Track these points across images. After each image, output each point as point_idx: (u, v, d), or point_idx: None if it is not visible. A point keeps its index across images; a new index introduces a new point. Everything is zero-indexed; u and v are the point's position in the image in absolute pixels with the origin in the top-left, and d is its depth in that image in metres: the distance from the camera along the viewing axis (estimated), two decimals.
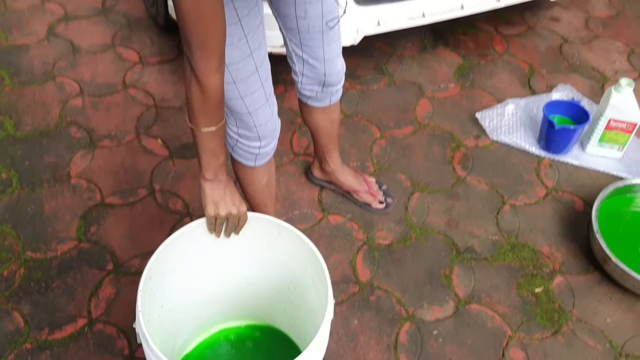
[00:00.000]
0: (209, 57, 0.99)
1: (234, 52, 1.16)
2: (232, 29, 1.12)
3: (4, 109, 2.13)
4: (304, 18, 1.32)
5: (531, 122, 2.10)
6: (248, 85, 1.22)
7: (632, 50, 2.44)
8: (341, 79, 1.53)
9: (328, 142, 1.72)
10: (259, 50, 1.20)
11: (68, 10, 2.55)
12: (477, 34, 2.49)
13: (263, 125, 1.30)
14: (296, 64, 1.46)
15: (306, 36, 1.36)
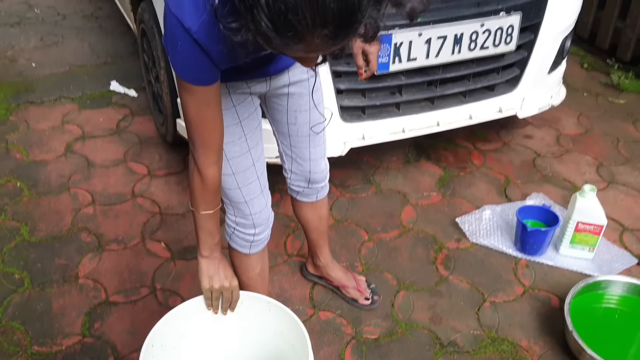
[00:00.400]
0: (208, 153, 1.21)
1: (235, 148, 1.37)
2: (233, 129, 1.34)
3: (21, 217, 2.31)
4: (294, 124, 1.54)
5: (507, 226, 2.26)
6: (246, 176, 1.41)
7: (600, 163, 2.66)
8: (324, 177, 1.72)
9: (318, 237, 1.88)
10: (256, 147, 1.42)
11: (85, 130, 2.80)
12: (456, 149, 2.72)
13: (258, 214, 1.47)
14: (286, 162, 1.66)
15: (295, 139, 1.58)
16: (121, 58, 3.40)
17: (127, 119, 2.88)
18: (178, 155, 2.64)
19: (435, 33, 2.02)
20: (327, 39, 0.82)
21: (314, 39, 0.81)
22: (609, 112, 3.04)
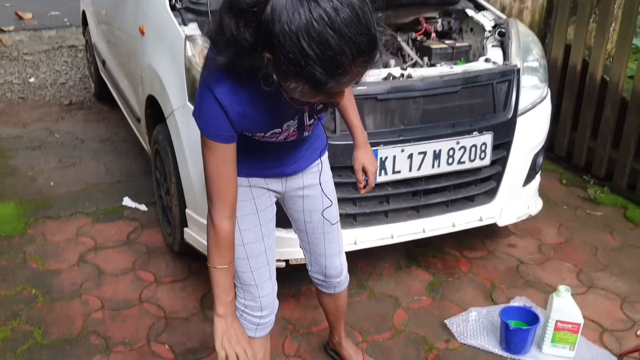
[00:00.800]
0: (223, 207, 1.42)
1: (250, 234, 1.61)
2: (250, 218, 1.60)
3: (35, 322, 2.45)
4: (310, 222, 1.79)
5: (493, 327, 2.40)
6: (258, 261, 1.64)
7: (580, 270, 2.83)
8: (340, 274, 1.92)
9: (334, 320, 2.10)
10: (269, 237, 1.66)
11: (98, 242, 3.00)
12: (445, 257, 2.91)
13: (266, 297, 1.67)
14: (306, 256, 1.90)
15: (312, 236, 1.82)
16: (133, 177, 3.67)
17: (137, 231, 3.09)
18: (183, 263, 2.82)
19: (416, 149, 2.29)
20: (365, 64, 1.11)
21: (356, 67, 1.10)
22: (587, 223, 3.25)
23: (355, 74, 1.12)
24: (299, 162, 1.65)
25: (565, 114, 3.78)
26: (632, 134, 3.35)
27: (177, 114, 2.41)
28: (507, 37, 2.65)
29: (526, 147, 2.60)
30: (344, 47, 1.05)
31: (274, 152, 1.58)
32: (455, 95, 2.38)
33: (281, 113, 1.40)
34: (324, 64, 1.06)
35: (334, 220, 1.82)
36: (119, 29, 3.44)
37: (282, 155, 1.58)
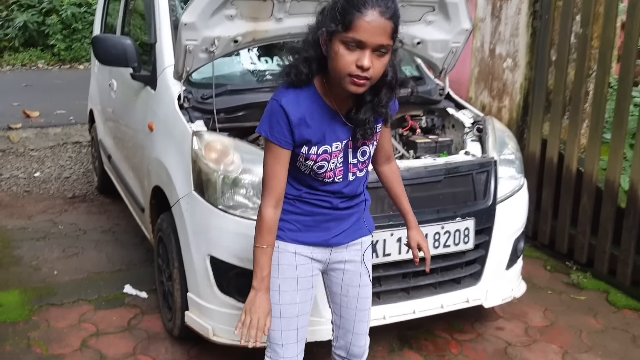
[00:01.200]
0: (270, 198, 1.74)
1: (287, 297, 1.84)
2: (290, 282, 1.86)
3: None
4: (346, 296, 1.97)
5: None
6: (289, 323, 1.83)
7: (565, 351, 2.94)
8: (362, 354, 2.06)
9: None
10: (304, 304, 1.88)
11: (100, 328, 3.10)
12: (436, 339, 3.01)
13: (289, 359, 1.85)
14: (334, 330, 2.05)
15: (345, 310, 1.99)
16: (134, 265, 3.80)
17: (137, 317, 3.20)
18: (183, 348, 2.91)
19: (404, 233, 2.46)
20: (379, 13, 1.53)
21: (372, 9, 1.53)
22: (571, 307, 3.39)
23: (373, 17, 1.53)
24: (344, 234, 1.89)
25: (546, 203, 4.00)
26: (609, 222, 3.55)
27: (182, 202, 2.60)
28: (485, 133, 2.91)
29: (507, 232, 2.79)
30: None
31: (323, 219, 1.85)
32: (439, 184, 2.60)
33: (332, 127, 1.74)
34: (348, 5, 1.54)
35: (368, 300, 2.02)
36: (127, 126, 3.70)
37: (329, 225, 1.86)
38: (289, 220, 1.85)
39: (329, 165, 1.76)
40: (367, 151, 1.83)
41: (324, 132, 1.73)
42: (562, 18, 3.80)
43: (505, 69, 4.35)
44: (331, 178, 1.79)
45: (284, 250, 1.85)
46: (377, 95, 1.70)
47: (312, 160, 1.74)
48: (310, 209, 1.84)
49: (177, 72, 2.76)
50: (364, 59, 1.55)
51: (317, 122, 1.71)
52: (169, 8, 3.20)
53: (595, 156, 3.62)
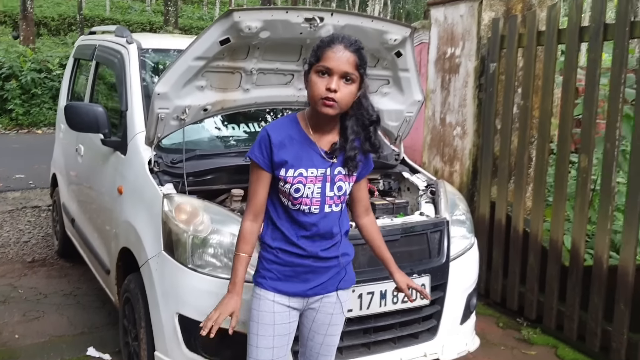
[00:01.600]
0: (249, 212, 2.05)
1: (263, 341, 2.04)
2: (267, 328, 2.05)
3: None
4: (311, 341, 2.18)
5: None
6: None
7: None
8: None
9: None
10: (280, 349, 2.07)
11: None
12: None
13: None
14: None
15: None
16: (97, 328, 3.81)
17: None
18: None
19: (365, 289, 2.62)
20: (343, 48, 1.91)
21: (338, 45, 1.92)
22: None
23: (338, 49, 1.90)
24: (321, 286, 2.09)
25: (497, 263, 4.22)
26: (554, 279, 3.78)
27: (151, 263, 2.70)
28: (437, 195, 3.13)
29: (460, 288, 2.97)
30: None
31: (302, 271, 2.05)
32: (397, 243, 2.77)
33: (309, 154, 2.01)
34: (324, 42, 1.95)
35: (336, 337, 2.21)
36: (94, 189, 3.79)
37: (308, 277, 2.06)
38: (270, 269, 2.06)
39: (305, 189, 2.00)
40: (343, 187, 2.06)
41: (300, 156, 2.00)
42: (505, 91, 4.14)
43: (455, 136, 4.65)
44: (307, 206, 2.01)
45: (264, 298, 2.05)
46: (366, 130, 2.04)
47: (289, 183, 1.99)
48: (291, 259, 2.04)
49: (148, 138, 2.91)
50: (332, 82, 1.90)
51: (294, 147, 2.00)
52: (140, 78, 3.38)
53: (540, 217, 3.88)
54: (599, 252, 3.44)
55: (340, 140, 2.04)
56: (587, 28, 3.49)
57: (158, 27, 24.42)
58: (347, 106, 1.97)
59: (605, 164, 3.39)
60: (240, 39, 2.65)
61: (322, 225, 2.03)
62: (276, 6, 2.93)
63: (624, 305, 3.28)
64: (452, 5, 4.62)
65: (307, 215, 2.02)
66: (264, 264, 2.09)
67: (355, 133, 2.03)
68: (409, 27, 2.93)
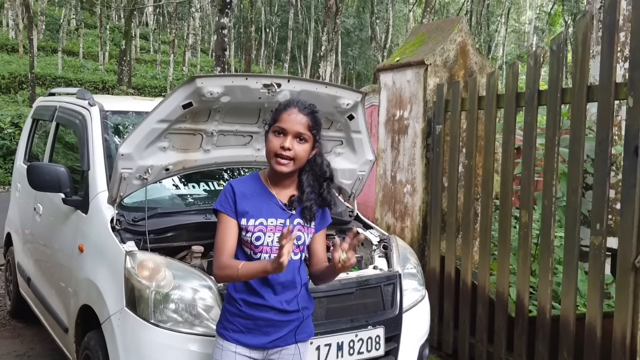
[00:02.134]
0: (219, 259, 2.13)
1: None
2: None
3: None
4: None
5: None
6: None
7: None
8: None
9: None
10: None
11: None
12: None
13: None
14: None
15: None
16: None
17: None
18: None
19: (323, 342, 2.73)
20: (297, 112, 2.16)
21: (293, 109, 2.17)
22: None
23: (292, 111, 2.15)
24: (282, 339, 2.21)
25: (447, 314, 4.38)
26: (502, 330, 3.95)
27: (113, 319, 2.75)
28: (390, 250, 3.30)
29: (413, 339, 3.10)
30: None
31: (263, 324, 2.17)
32: (352, 296, 2.90)
33: (269, 205, 2.20)
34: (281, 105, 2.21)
35: None
36: (53, 248, 3.81)
37: (269, 330, 2.18)
38: (233, 321, 2.19)
39: (265, 237, 2.17)
40: (301, 237, 2.24)
41: (260, 207, 2.19)
42: (451, 151, 4.40)
43: (405, 193, 4.88)
44: (268, 254, 2.17)
45: (226, 349, 2.17)
46: (320, 185, 2.26)
47: (251, 232, 2.15)
48: (252, 312, 2.15)
49: (111, 197, 3.00)
50: (286, 141, 2.13)
51: (255, 198, 2.20)
52: (102, 139, 3.49)
53: (486, 270, 4.09)
54: (542, 302, 3.64)
55: (298, 194, 2.25)
56: (522, 94, 3.80)
57: (111, 86, 24.45)
58: (302, 163, 2.20)
59: (544, 220, 3.63)
60: (202, 103, 2.82)
61: (283, 275, 2.14)
62: (236, 73, 3.13)
63: (567, 354, 3.46)
64: (400, 71, 4.93)
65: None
66: (227, 316, 2.21)
67: (311, 187, 2.25)
68: (360, 92, 3.16)
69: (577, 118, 3.43)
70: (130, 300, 2.70)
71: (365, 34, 36.65)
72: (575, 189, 3.44)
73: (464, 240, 4.29)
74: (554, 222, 3.61)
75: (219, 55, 13.35)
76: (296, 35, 37.88)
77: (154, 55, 34.61)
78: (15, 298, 4.89)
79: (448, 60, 4.69)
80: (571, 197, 3.47)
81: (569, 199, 3.49)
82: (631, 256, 3.11)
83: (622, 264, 3.17)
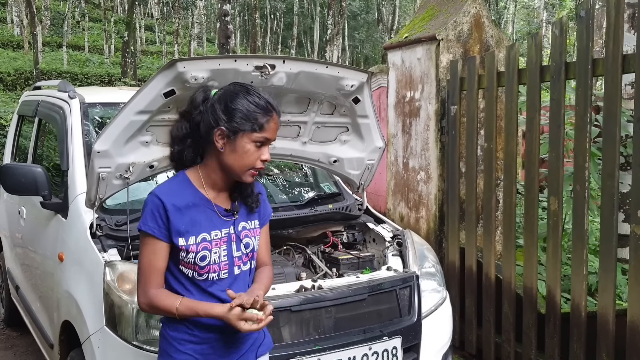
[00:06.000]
0: (147, 289, 1.78)
1: None
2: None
3: None
4: None
5: None
6: None
7: None
8: None
9: None
10: None
11: None
12: None
13: None
14: None
15: None
16: None
17: None
18: None
19: (332, 358, 2.39)
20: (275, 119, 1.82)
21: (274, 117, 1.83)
22: None
23: (276, 119, 1.82)
24: (243, 357, 1.88)
25: (470, 312, 4.03)
26: (531, 329, 3.60)
27: (93, 339, 2.43)
28: (405, 247, 2.95)
29: (434, 348, 2.76)
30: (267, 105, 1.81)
31: (220, 345, 1.83)
32: (364, 303, 2.56)
33: (208, 216, 1.82)
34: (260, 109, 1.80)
35: None
36: (36, 255, 3.51)
37: (229, 352, 1.84)
38: (185, 351, 1.80)
39: (212, 255, 1.81)
40: (250, 243, 1.90)
41: (199, 220, 1.81)
42: (468, 133, 4.03)
43: (419, 181, 4.51)
44: (216, 272, 1.82)
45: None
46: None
47: (193, 252, 1.78)
48: (206, 335, 1.81)
49: (89, 199, 2.67)
50: (266, 154, 1.83)
51: (191, 211, 1.80)
52: (82, 134, 3.16)
53: (511, 262, 3.72)
54: (576, 298, 3.28)
55: (235, 194, 1.91)
56: (547, 67, 3.41)
57: (117, 79, 24.16)
58: None
59: (576, 207, 3.26)
60: (186, 90, 2.47)
61: (235, 289, 1.81)
62: (223, 55, 2.77)
63: (606, 355, 3.10)
64: (409, 48, 4.54)
65: (216, 283, 1.84)
66: (175, 347, 1.82)
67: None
68: (365, 72, 2.80)
69: (611, 92, 3.04)
70: (111, 319, 2.37)
71: (372, 17, 36.02)
72: (611, 172, 3.06)
73: (485, 230, 3.92)
74: (587, 208, 3.24)
75: (222, 43, 13.01)
76: (302, 21, 37.34)
77: (160, 46, 34.29)
78: (7, 306, 4.61)
79: (462, 35, 4.30)
80: (607, 181, 3.09)
81: (604, 183, 3.11)
82: None
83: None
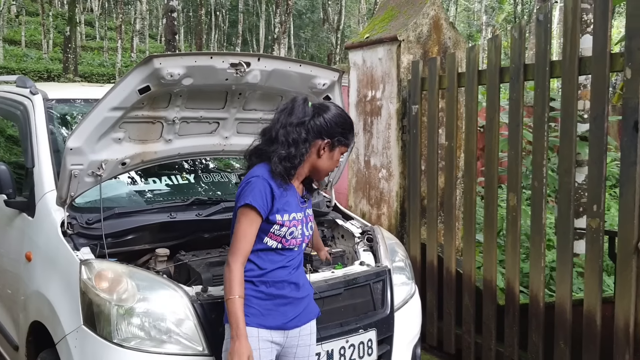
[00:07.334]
0: (239, 255, 2.12)
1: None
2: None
3: None
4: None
5: None
6: None
7: None
8: None
9: None
10: None
11: None
12: None
13: None
14: None
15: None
16: None
17: None
18: None
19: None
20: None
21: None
22: None
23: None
24: (298, 318, 2.23)
25: (431, 305, 4.15)
26: (491, 320, 3.74)
27: (69, 339, 2.39)
28: (375, 242, 3.02)
29: (405, 340, 2.84)
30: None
31: (281, 303, 2.18)
32: (340, 297, 2.62)
33: (296, 203, 2.24)
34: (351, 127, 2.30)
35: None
36: None
37: (286, 309, 2.20)
38: (252, 304, 2.14)
39: (297, 230, 2.21)
40: (312, 227, 2.36)
41: (291, 202, 2.21)
42: (429, 132, 4.14)
43: (381, 178, 4.60)
44: (295, 246, 2.24)
45: (249, 335, 2.08)
46: None
47: (287, 227, 2.17)
48: (269, 291, 2.17)
49: (60, 197, 2.62)
50: (338, 162, 2.33)
51: (285, 194, 2.20)
52: (48, 131, 3.09)
53: (471, 257, 3.85)
54: (534, 290, 3.43)
55: (308, 186, 2.37)
56: (507, 69, 3.55)
57: (56, 75, 23.38)
58: None
59: (534, 202, 3.41)
60: (161, 87, 2.47)
61: (297, 259, 2.29)
62: (200, 52, 2.78)
63: (564, 344, 3.26)
64: (370, 48, 4.62)
65: (291, 251, 2.24)
66: (244, 302, 2.14)
67: None
68: (337, 71, 2.86)
69: (568, 92, 3.20)
70: (89, 317, 2.34)
71: (317, 16, 36.14)
72: (568, 168, 3.22)
73: (446, 226, 4.05)
74: (545, 204, 3.39)
75: (169, 39, 12.79)
76: (247, 18, 37.06)
77: (101, 42, 33.35)
78: None
79: (421, 36, 4.41)
80: (564, 177, 3.25)
81: (562, 179, 3.27)
82: (633, 239, 2.91)
83: (623, 247, 2.97)
